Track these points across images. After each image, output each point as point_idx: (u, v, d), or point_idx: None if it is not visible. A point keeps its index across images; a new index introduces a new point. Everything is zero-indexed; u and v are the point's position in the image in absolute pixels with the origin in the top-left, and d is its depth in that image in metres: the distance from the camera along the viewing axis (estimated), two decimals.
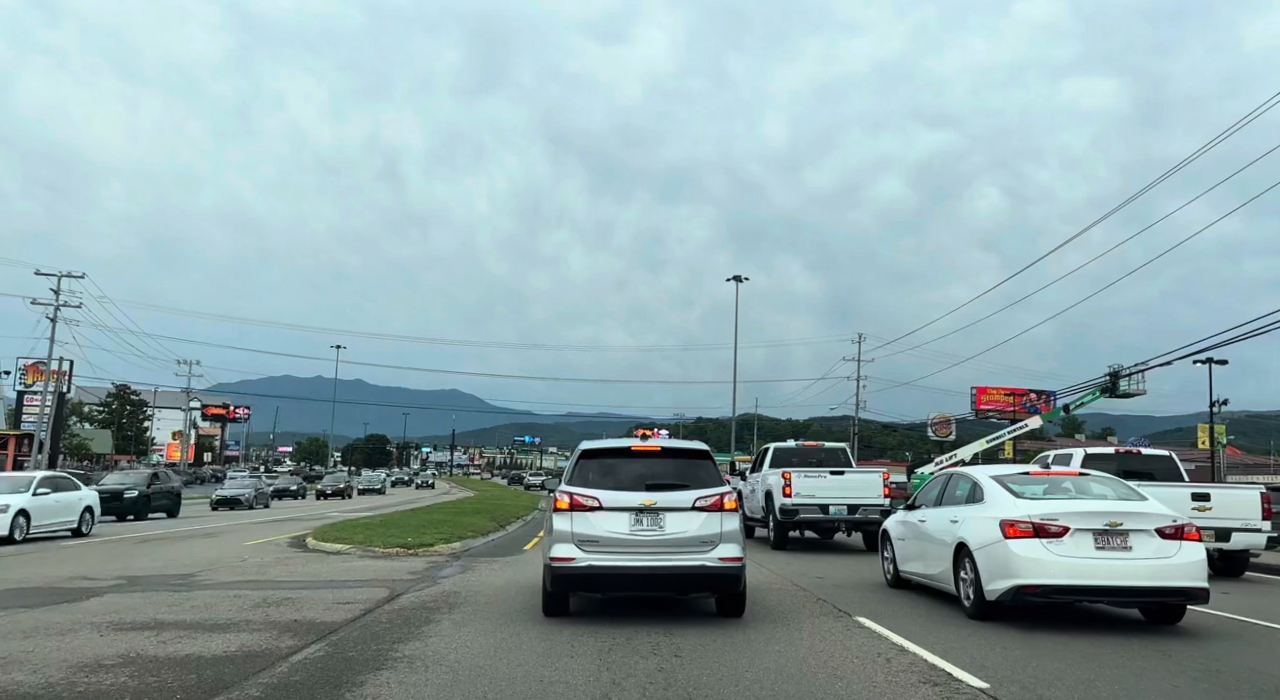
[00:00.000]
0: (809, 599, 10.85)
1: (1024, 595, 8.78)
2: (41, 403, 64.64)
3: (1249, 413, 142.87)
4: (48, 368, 65.70)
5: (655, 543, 8.62)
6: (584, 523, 8.67)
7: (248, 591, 10.88)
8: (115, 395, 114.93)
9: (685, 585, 8.90)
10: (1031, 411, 72.31)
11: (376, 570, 13.45)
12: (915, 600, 10.80)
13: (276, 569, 13.52)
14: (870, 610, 9.85)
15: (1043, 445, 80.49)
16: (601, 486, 8.91)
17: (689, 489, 8.90)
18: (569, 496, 8.83)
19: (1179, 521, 9.01)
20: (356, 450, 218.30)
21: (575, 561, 8.57)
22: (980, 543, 9.34)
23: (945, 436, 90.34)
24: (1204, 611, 9.91)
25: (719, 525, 8.76)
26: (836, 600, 10.67)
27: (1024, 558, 8.78)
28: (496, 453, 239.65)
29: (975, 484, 10.29)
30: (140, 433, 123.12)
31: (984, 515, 9.55)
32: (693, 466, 9.32)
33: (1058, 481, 10.13)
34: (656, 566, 8.58)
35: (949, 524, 10.30)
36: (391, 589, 11.16)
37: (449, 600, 10.25)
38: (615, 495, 8.77)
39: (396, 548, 16.40)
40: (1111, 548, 8.77)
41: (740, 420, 75.50)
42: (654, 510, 8.67)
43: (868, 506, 18.40)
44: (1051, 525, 8.83)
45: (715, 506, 8.80)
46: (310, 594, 10.68)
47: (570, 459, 9.89)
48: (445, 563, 14.83)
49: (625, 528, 8.63)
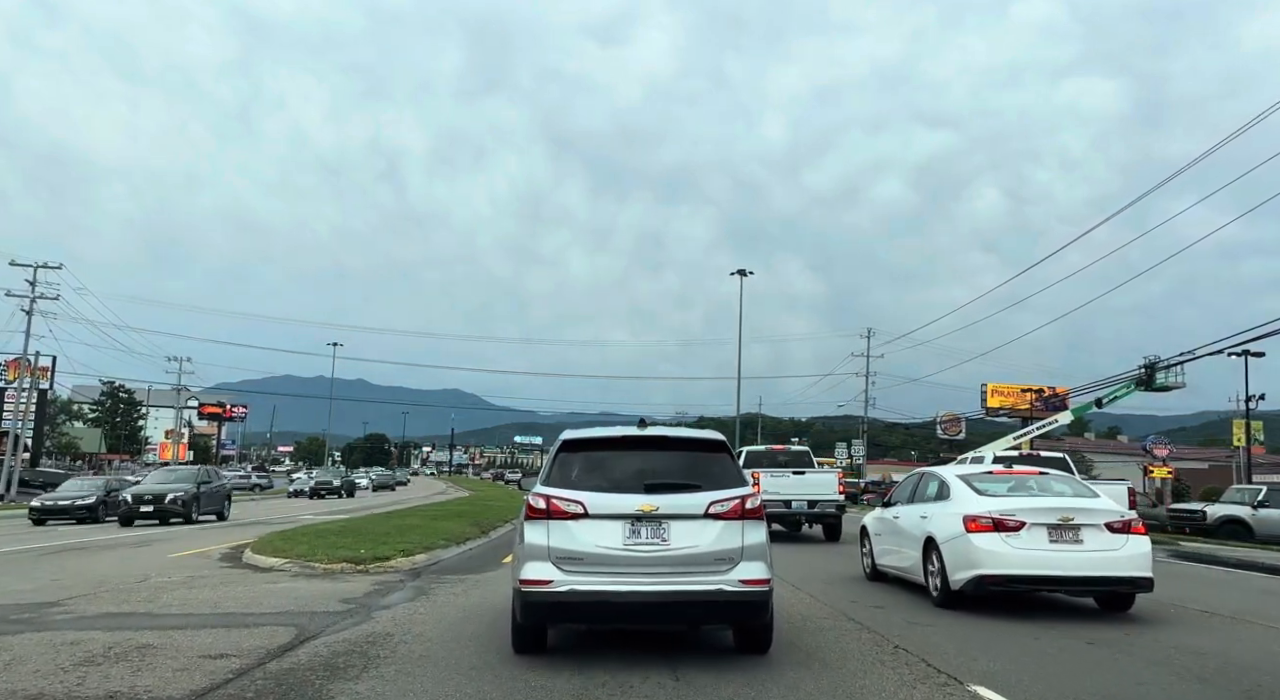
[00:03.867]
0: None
1: (985, 585, 9.41)
2: (17, 399, 61.69)
3: (1275, 411, 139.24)
4: (25, 363, 62.99)
5: (657, 560, 6.53)
6: (564, 534, 6.61)
7: (99, 633, 7.90)
8: (108, 393, 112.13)
9: (696, 615, 6.73)
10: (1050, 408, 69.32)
11: (301, 596, 10.44)
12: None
13: (173, 595, 10.51)
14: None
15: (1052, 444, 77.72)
16: (588, 487, 6.81)
17: (701, 490, 6.79)
18: (545, 500, 6.76)
19: (1126, 517, 9.69)
20: (356, 450, 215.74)
21: (553, 585, 6.49)
22: (946, 536, 9.93)
23: (954, 435, 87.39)
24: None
25: (740, 538, 6.68)
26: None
27: (984, 550, 9.40)
28: (497, 452, 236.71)
29: (943, 482, 10.94)
30: (134, 432, 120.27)
31: (950, 511, 10.13)
32: (705, 461, 7.15)
33: (1021, 480, 10.72)
34: (659, 592, 6.45)
35: (919, 520, 10.85)
36: (300, 630, 8.16)
37: (372, 650, 7.25)
38: (605, 499, 6.69)
39: (343, 562, 13.40)
40: (1064, 541, 9.39)
41: (743, 419, 72.52)
42: (655, 518, 6.59)
43: (824, 502, 20.78)
44: (1009, 520, 9.45)
45: (735, 513, 6.72)
46: (182, 638, 7.70)
47: (549, 452, 7.64)
48: (397, 583, 11.82)
49: (618, 541, 6.56)
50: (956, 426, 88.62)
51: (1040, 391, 75.93)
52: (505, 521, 26.09)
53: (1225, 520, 26.75)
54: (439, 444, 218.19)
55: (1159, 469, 53.11)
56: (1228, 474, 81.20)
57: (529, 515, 6.84)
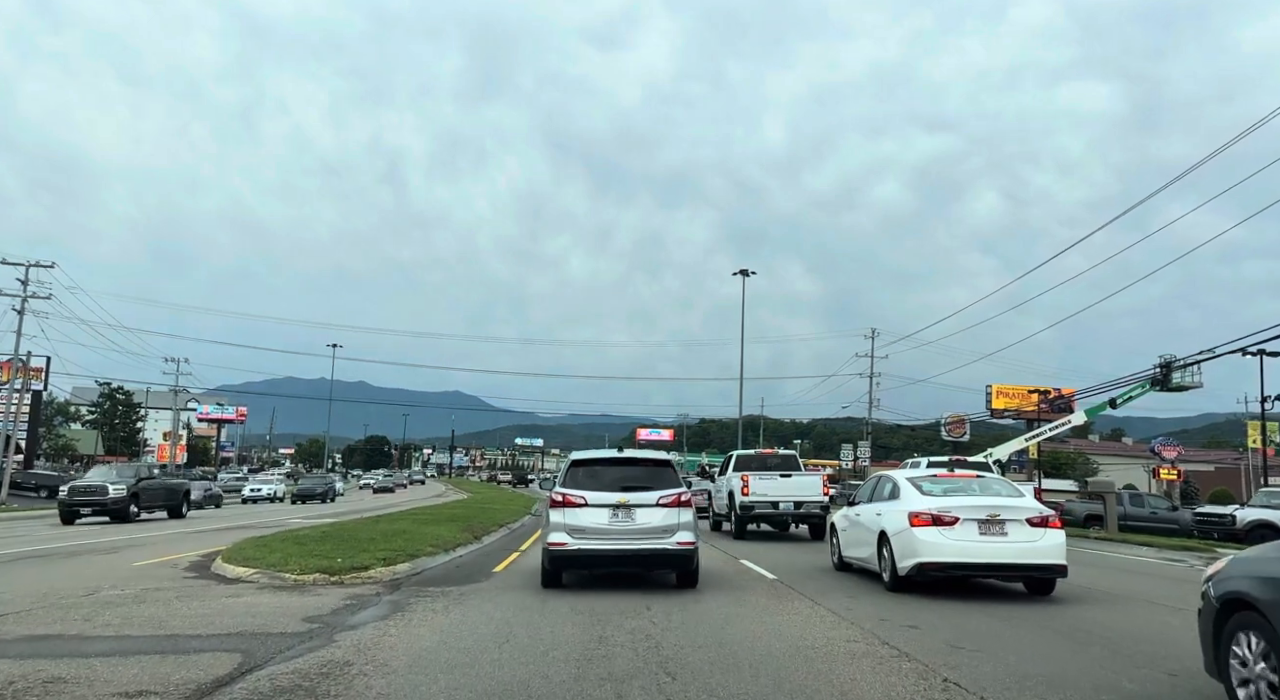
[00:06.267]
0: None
1: (925, 571, 10.88)
2: (9, 400, 60.62)
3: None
4: (18, 364, 61.93)
5: (628, 531, 10.89)
6: (574, 516, 10.93)
7: (7, 662, 6.74)
8: (107, 395, 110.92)
9: (652, 563, 11.24)
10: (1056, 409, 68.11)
11: (260, 613, 9.29)
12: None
13: (116, 612, 9.33)
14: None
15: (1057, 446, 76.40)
16: (587, 488, 11.12)
17: (653, 490, 11.09)
18: (562, 496, 11.07)
19: (1044, 513, 11.11)
20: (357, 452, 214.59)
21: (567, 545, 10.84)
22: (895, 530, 11.39)
23: (959, 436, 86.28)
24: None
25: (677, 518, 11.02)
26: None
27: (925, 541, 10.84)
28: (498, 454, 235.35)
29: (895, 484, 12.44)
30: (133, 433, 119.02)
31: (898, 509, 11.59)
32: (657, 472, 11.50)
33: (963, 483, 12.25)
34: (629, 549, 10.89)
35: (875, 516, 12.31)
36: (246, 657, 7.02)
37: (322, 685, 6.10)
38: (597, 495, 10.99)
39: (317, 572, 12.24)
40: (992, 534, 10.81)
41: (745, 422, 71.33)
42: (627, 506, 10.93)
43: (810, 503, 21.78)
44: (945, 516, 10.88)
45: (674, 503, 11.06)
46: (104, 669, 6.56)
47: (563, 466, 11.91)
48: (372, 597, 10.68)
49: (605, 520, 10.89)
50: (961, 428, 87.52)
51: (1046, 392, 74.51)
52: (501, 526, 24.96)
53: (1257, 525, 25.52)
54: (439, 446, 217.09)
55: (1167, 471, 51.92)
56: (1235, 476, 79.91)
57: (552, 504, 11.14)
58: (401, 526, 20.72)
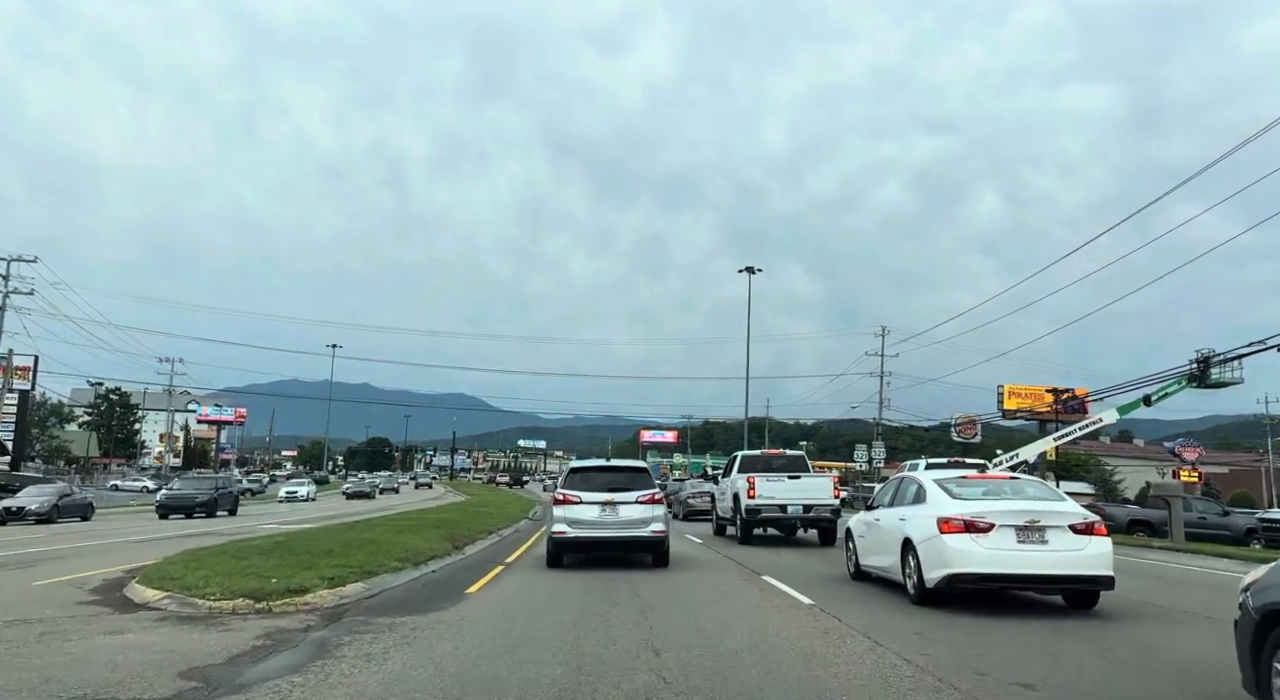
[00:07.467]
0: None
1: (956, 583, 9.96)
2: None
3: None
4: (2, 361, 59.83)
5: (613, 522, 14.29)
6: (571, 511, 14.34)
7: None
8: (104, 396, 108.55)
9: (632, 547, 14.62)
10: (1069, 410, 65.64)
11: (125, 665, 6.88)
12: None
13: None
14: None
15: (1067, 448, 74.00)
16: (582, 489, 14.56)
17: (633, 490, 14.50)
18: (563, 495, 14.54)
19: (1089, 519, 10.16)
20: (358, 453, 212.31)
21: (567, 534, 14.28)
22: (922, 537, 10.52)
23: (970, 438, 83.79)
24: None
25: (651, 512, 14.40)
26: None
27: (956, 550, 9.92)
28: (501, 455, 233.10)
29: (920, 486, 11.52)
30: (130, 435, 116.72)
31: (925, 514, 10.69)
32: (636, 476, 15.08)
33: (997, 485, 11.43)
34: (614, 536, 14.37)
35: (898, 522, 11.40)
36: None
37: None
38: (590, 495, 14.41)
39: (242, 596, 9.91)
40: (1031, 541, 9.87)
41: (749, 423, 68.89)
42: (613, 504, 14.32)
43: (820, 506, 20.48)
44: (980, 522, 9.94)
45: (649, 501, 14.44)
46: None
47: (563, 472, 16.26)
48: (296, 633, 8.31)
49: (595, 514, 14.28)
50: (972, 429, 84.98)
51: (1063, 392, 71.90)
52: (490, 533, 22.63)
53: None
54: (442, 447, 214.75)
55: (1187, 473, 49.51)
56: (1254, 477, 77.46)
57: (555, 502, 14.61)
58: (373, 535, 18.37)
